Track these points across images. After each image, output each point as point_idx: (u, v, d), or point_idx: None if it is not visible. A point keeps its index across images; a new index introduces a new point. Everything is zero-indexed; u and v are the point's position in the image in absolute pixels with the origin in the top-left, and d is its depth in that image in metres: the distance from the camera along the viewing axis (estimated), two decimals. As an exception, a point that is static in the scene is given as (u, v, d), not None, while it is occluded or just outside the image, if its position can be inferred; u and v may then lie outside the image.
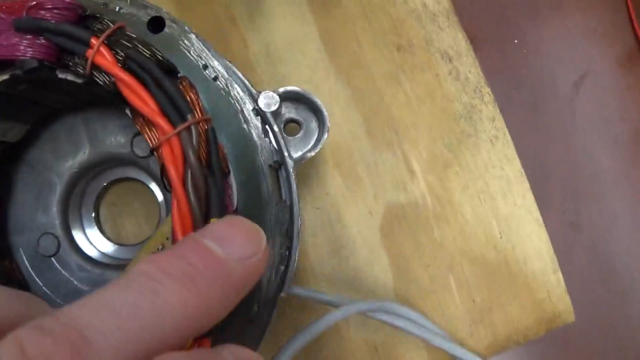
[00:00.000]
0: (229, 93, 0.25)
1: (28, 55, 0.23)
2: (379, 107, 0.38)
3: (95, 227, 0.37)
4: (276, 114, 0.32)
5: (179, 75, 0.25)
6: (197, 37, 0.26)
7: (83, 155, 0.36)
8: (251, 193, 0.24)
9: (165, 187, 0.24)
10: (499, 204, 0.37)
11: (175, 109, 0.22)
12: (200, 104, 0.23)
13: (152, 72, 0.22)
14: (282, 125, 0.33)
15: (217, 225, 0.17)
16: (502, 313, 0.37)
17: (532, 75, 0.41)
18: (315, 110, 0.32)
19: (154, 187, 0.36)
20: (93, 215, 0.37)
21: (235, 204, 0.24)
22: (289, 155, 0.31)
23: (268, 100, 0.31)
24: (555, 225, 0.38)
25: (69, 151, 0.36)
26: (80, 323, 0.14)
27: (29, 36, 0.23)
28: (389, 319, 0.33)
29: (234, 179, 0.24)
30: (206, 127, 0.23)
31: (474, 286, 0.37)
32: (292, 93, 0.32)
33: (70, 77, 0.24)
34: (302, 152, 0.32)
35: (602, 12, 0.42)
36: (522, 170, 0.38)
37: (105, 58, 0.23)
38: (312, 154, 0.31)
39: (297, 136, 0.33)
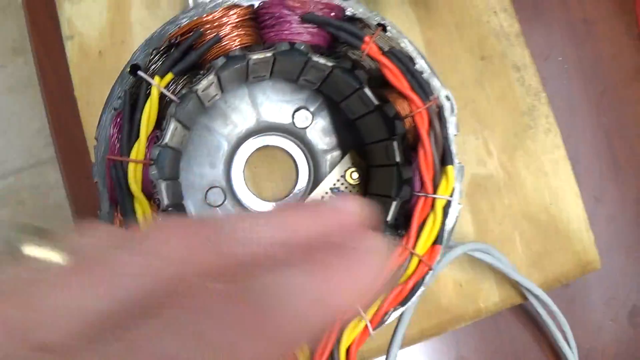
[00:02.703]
0: (430, 84, 0.36)
1: (309, 41, 0.34)
2: (467, 103, 0.49)
3: (244, 184, 0.47)
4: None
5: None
6: (409, 40, 0.36)
7: (250, 123, 0.45)
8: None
9: (405, 147, 0.35)
10: (550, 179, 0.50)
11: (422, 90, 0.33)
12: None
13: (407, 64, 0.33)
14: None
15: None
16: (551, 260, 0.49)
17: (570, 85, 0.54)
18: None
19: (298, 155, 0.46)
20: (243, 174, 0.46)
21: None
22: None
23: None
24: (585, 197, 0.51)
25: (238, 119, 0.45)
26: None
27: (312, 27, 0.34)
28: (485, 257, 0.45)
29: None
30: (437, 104, 0.34)
31: (532, 239, 0.49)
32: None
33: (322, 60, 0.35)
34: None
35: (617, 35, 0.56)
36: (566, 155, 0.50)
37: (374, 49, 0.33)
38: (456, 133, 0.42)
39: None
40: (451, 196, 0.37)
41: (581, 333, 0.51)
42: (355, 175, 0.44)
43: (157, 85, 0.36)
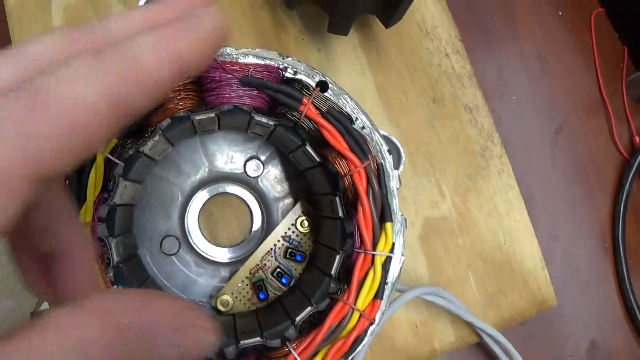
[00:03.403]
0: (372, 138, 0.36)
1: (249, 104, 0.35)
2: (419, 145, 0.50)
3: (199, 231, 0.48)
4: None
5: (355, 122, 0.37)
6: (349, 96, 0.37)
7: (203, 173, 0.46)
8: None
9: (347, 202, 0.36)
10: (504, 219, 0.51)
11: (360, 149, 0.34)
12: (370, 146, 0.36)
13: (345, 124, 0.34)
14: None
15: None
16: (506, 299, 0.50)
17: (525, 123, 0.55)
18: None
19: (252, 202, 0.47)
20: (198, 222, 0.47)
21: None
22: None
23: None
24: (541, 235, 0.52)
25: (191, 169, 0.46)
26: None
27: (252, 90, 0.35)
28: (437, 299, 0.45)
29: None
30: (376, 162, 0.35)
31: (486, 279, 0.50)
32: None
33: (264, 120, 0.37)
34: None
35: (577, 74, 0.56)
36: (520, 195, 0.51)
37: (311, 111, 0.34)
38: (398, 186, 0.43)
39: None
40: (391, 252, 0.37)
41: (540, 368, 0.51)
42: (306, 223, 0.45)
43: (102, 150, 0.37)
